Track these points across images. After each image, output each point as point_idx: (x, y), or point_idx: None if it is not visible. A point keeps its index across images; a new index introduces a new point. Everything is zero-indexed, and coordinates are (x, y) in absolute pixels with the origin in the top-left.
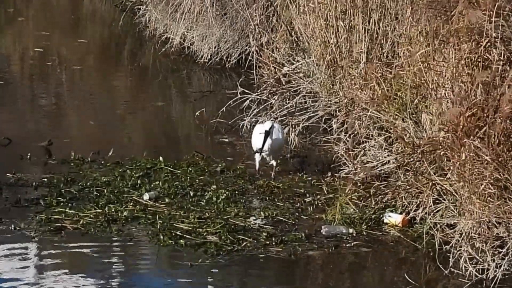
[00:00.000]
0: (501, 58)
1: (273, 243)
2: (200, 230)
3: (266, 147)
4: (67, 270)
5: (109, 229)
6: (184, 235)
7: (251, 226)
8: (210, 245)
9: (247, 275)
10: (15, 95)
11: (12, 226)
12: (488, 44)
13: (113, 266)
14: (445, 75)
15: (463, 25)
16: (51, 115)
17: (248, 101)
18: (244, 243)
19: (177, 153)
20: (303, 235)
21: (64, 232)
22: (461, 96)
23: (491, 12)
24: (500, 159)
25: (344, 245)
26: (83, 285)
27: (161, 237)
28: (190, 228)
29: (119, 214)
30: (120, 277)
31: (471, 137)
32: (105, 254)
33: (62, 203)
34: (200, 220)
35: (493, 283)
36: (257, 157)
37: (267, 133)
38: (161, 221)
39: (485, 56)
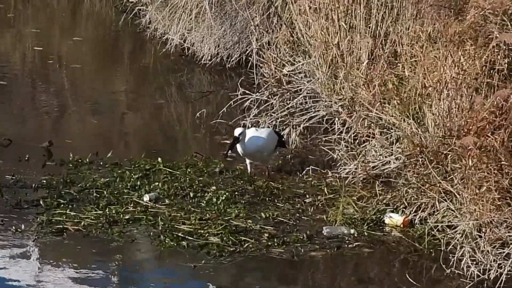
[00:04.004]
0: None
1: (275, 244)
2: (202, 231)
3: (240, 153)
4: (69, 272)
5: (110, 231)
6: (186, 237)
7: (253, 227)
8: (212, 246)
9: (251, 276)
10: (16, 95)
11: (13, 228)
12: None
13: (115, 268)
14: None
15: (468, 26)
16: (51, 115)
17: (248, 101)
18: (246, 244)
19: (177, 154)
20: (304, 236)
21: (66, 234)
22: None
23: (497, 13)
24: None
25: (346, 246)
26: (85, 287)
27: (163, 238)
28: (192, 230)
29: (120, 216)
30: (123, 278)
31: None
32: (107, 255)
33: (62, 205)
34: (201, 221)
35: (495, 283)
36: (247, 162)
37: (236, 139)
38: (162, 223)
39: (491, 58)
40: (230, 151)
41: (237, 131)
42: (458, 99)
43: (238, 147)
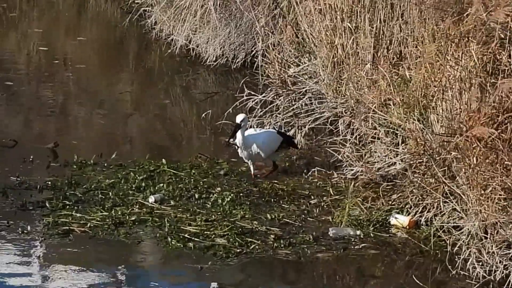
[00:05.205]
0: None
1: (281, 246)
2: (208, 232)
3: (238, 142)
4: (75, 274)
5: (116, 232)
6: (192, 238)
7: (258, 228)
8: (219, 247)
9: (257, 278)
10: (21, 95)
11: (20, 229)
12: (498, 45)
13: (122, 269)
14: (455, 76)
15: (472, 26)
16: (56, 116)
17: (253, 102)
18: (253, 245)
19: (181, 155)
20: (310, 237)
21: (72, 235)
22: (477, 97)
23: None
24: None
25: (352, 247)
26: None
27: (169, 239)
28: (198, 231)
29: (126, 217)
30: (129, 280)
31: (482, 141)
32: (113, 257)
33: (68, 206)
34: (207, 222)
35: (501, 284)
36: (250, 163)
37: (238, 126)
38: (168, 224)
39: (495, 58)
40: (232, 139)
41: (239, 118)
42: (460, 98)
43: (238, 141)
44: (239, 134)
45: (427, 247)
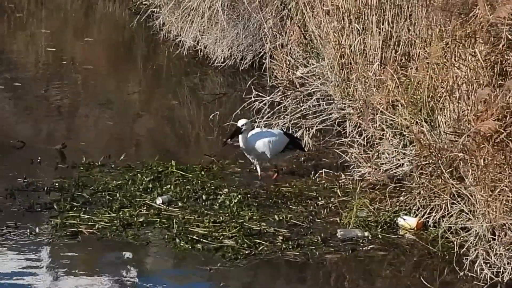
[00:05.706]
0: None
1: (290, 247)
2: (216, 234)
3: (241, 145)
4: (84, 275)
5: (125, 234)
6: (201, 239)
7: (267, 230)
8: (227, 249)
9: (266, 279)
10: (29, 96)
11: (28, 231)
12: (505, 46)
13: (130, 271)
14: (462, 77)
15: (479, 27)
16: (64, 118)
17: (261, 103)
18: (261, 247)
19: (189, 157)
20: (319, 238)
21: (80, 236)
22: (483, 99)
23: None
24: None
25: (360, 248)
26: None
27: (178, 241)
28: (206, 232)
29: (134, 219)
30: (138, 282)
31: (490, 142)
32: (121, 258)
33: (75, 208)
34: (215, 224)
35: (509, 286)
36: (256, 163)
37: (238, 129)
38: (176, 225)
39: (502, 59)
40: (230, 140)
41: (241, 122)
42: (468, 99)
43: (241, 143)
44: (241, 138)
45: (435, 249)
